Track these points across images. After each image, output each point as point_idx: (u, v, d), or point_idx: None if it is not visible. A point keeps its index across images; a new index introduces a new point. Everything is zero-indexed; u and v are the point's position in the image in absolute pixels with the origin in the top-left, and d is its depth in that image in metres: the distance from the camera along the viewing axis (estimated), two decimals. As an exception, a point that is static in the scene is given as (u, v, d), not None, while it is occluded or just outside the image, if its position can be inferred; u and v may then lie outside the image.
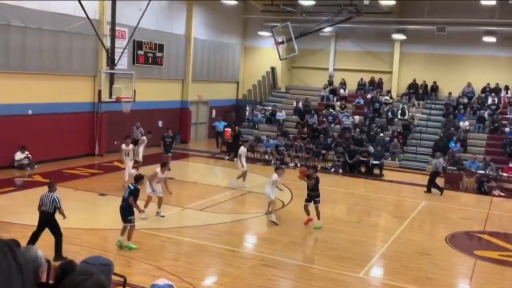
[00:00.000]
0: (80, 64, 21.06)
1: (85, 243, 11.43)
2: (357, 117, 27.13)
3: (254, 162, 23.01)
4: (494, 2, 23.45)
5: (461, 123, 25.35)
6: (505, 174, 20.25)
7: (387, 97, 28.21)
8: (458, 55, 28.11)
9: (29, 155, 18.70)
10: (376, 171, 22.13)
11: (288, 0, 25.93)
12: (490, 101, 26.57)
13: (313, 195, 13.68)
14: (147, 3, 19.58)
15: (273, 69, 31.89)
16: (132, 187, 11.29)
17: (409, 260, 11.69)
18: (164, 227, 13.06)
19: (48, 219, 10.42)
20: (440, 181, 21.18)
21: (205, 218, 14.23)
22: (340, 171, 22.36)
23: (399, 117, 26.76)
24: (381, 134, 25.02)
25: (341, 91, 29.60)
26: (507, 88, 27.08)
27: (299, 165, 23.15)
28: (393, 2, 23.79)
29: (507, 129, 24.43)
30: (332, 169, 22.61)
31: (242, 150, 18.58)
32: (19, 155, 18.56)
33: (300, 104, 28.45)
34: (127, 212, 11.09)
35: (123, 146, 17.02)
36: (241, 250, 12.07)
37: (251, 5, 29.14)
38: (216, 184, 18.57)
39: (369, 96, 28.63)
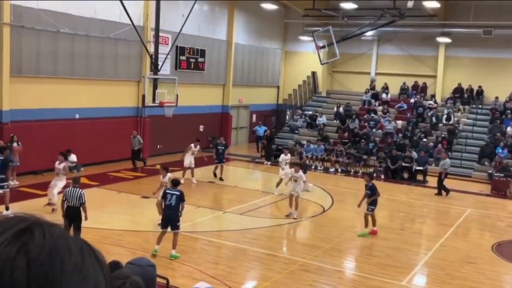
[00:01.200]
0: (125, 69, 21.57)
1: (128, 244, 11.66)
2: (399, 122, 26.69)
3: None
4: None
5: (508, 129, 24.54)
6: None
7: (431, 102, 27.64)
8: (505, 58, 27.25)
9: (73, 158, 19.25)
10: (420, 177, 21.69)
11: (330, 1, 25.79)
12: (539, 105, 25.65)
13: (368, 202, 13.47)
14: (189, 10, 19.90)
15: (313, 73, 31.78)
16: (178, 193, 11.11)
17: (453, 269, 11.40)
18: (205, 230, 13.19)
19: (76, 214, 10.67)
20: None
21: (245, 222, 14.29)
22: (382, 176, 22.02)
23: (444, 122, 26.17)
24: (425, 139, 24.51)
25: (383, 95, 29.19)
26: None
27: (339, 170, 22.99)
28: (438, 5, 23.31)
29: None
30: (374, 175, 22.26)
31: (282, 157, 18.46)
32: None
33: (341, 109, 28.23)
34: (177, 219, 11.06)
35: (56, 163, 14.20)
36: (281, 254, 12.04)
37: (292, 9, 29.13)
38: (256, 189, 18.61)
39: (412, 100, 28.13)
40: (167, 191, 11.20)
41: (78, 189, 10.86)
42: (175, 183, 11.36)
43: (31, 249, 0.78)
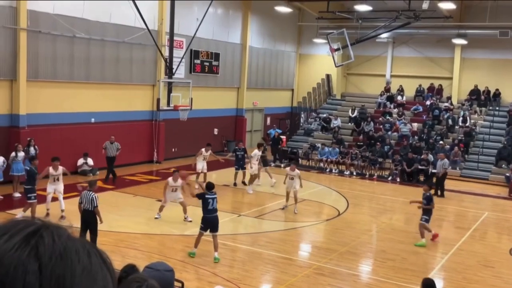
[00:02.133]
0: (139, 73, 21.71)
1: (143, 247, 11.71)
2: (415, 124, 26.49)
3: (309, 170, 22.97)
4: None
5: (526, 131, 24.22)
6: None
7: (447, 104, 27.39)
8: (523, 59, 26.92)
9: (90, 161, 19.42)
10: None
11: (344, 1, 25.65)
12: (558, 107, 25.26)
13: (422, 212, 13.14)
14: (204, 13, 19.97)
15: (328, 76, 31.69)
16: (215, 195, 11.24)
17: (471, 273, 11.26)
18: (219, 233, 13.16)
19: (90, 217, 10.78)
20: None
21: (260, 225, 14.27)
22: (398, 179, 21.86)
23: (460, 124, 25.91)
24: (441, 142, 24.27)
25: (399, 97, 29.00)
26: None
27: (354, 173, 22.87)
28: (453, 6, 23.10)
29: None
30: (390, 178, 22.15)
31: (255, 152, 18.57)
32: (81, 162, 19.35)
33: (356, 111, 28.09)
34: (218, 221, 11.23)
35: (50, 169, 13.57)
36: (296, 258, 12.01)
37: (306, 12, 29.10)
38: (271, 192, 18.59)
39: (427, 102, 27.90)
40: (207, 196, 11.09)
41: (91, 192, 10.94)
42: (211, 186, 11.39)
43: (42, 253, 0.78)
